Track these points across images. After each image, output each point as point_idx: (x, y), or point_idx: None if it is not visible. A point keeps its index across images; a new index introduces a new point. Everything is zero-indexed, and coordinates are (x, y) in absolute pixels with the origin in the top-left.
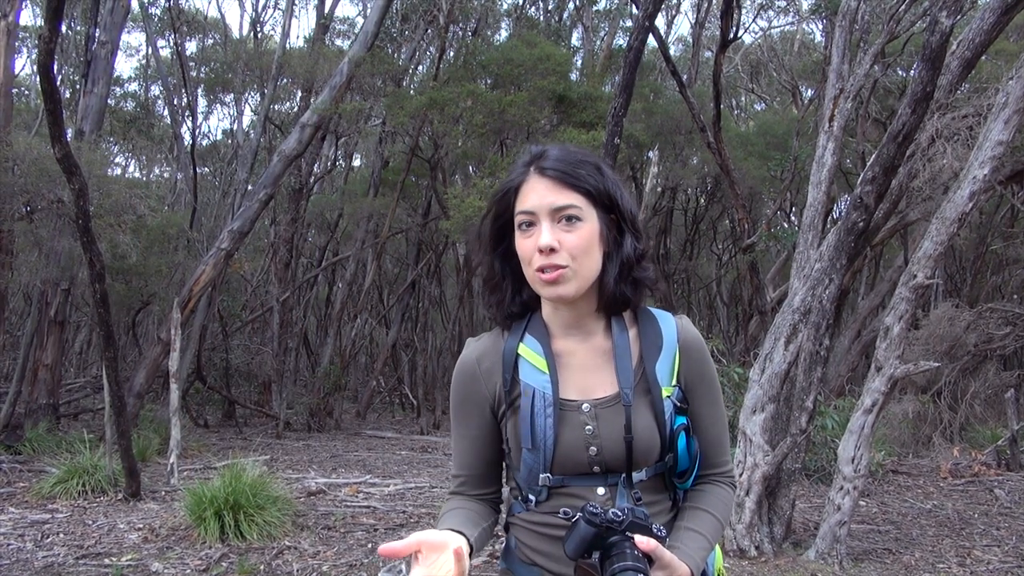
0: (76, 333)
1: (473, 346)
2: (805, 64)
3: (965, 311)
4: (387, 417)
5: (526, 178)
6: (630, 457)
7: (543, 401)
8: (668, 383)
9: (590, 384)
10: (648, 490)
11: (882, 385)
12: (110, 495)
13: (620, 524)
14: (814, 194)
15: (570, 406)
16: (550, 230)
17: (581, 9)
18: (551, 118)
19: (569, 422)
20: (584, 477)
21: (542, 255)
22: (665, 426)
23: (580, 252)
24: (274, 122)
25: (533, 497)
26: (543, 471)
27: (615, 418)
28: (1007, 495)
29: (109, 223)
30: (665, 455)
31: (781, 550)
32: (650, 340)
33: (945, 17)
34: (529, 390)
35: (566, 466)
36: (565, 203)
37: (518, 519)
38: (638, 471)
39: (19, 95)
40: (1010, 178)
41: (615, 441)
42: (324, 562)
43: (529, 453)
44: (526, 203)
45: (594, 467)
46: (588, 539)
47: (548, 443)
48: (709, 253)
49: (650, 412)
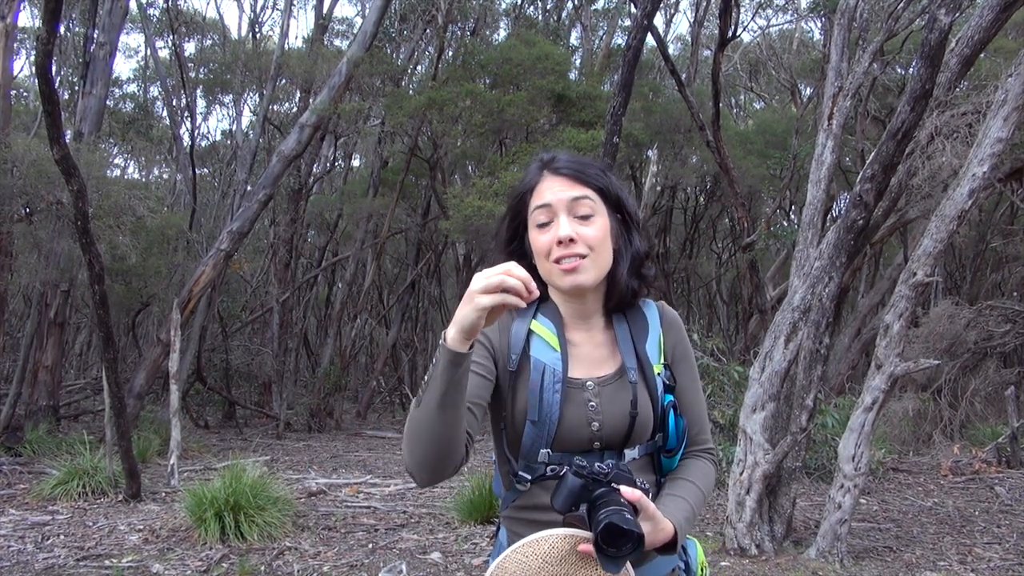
0: (76, 334)
1: None
2: (804, 62)
3: (965, 309)
4: (387, 417)
5: (541, 179)
6: (630, 433)
7: (552, 377)
8: (657, 360)
9: (593, 368)
10: (638, 469)
11: (882, 383)
12: (110, 496)
13: (606, 476)
14: (813, 192)
15: (575, 383)
16: (568, 222)
17: (580, 8)
18: (550, 117)
19: (573, 399)
20: (583, 454)
21: (561, 246)
22: (659, 403)
23: (597, 243)
24: (273, 123)
25: (529, 476)
26: (544, 446)
27: (617, 395)
28: (1008, 492)
29: (108, 224)
30: (655, 433)
31: (782, 548)
32: (639, 325)
33: (944, 15)
34: (540, 365)
35: (567, 442)
36: (581, 194)
37: (512, 509)
38: (631, 449)
39: (18, 97)
40: (1009, 175)
41: (617, 417)
42: (325, 563)
43: (532, 426)
44: (543, 198)
45: (594, 443)
46: (576, 491)
47: (553, 418)
48: (709, 252)
49: (646, 390)
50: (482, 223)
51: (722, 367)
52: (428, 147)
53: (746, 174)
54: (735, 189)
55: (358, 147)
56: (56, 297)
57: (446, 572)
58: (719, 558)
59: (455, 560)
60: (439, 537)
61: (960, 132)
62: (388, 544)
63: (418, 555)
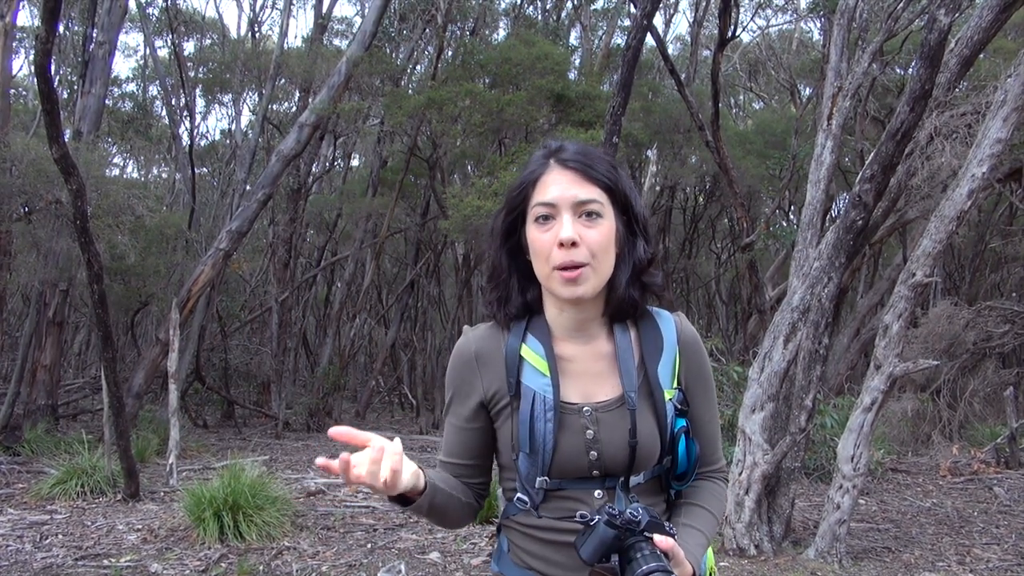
0: (75, 334)
1: (471, 336)
2: (803, 62)
3: (964, 309)
4: (386, 417)
5: (546, 170)
6: (632, 462)
7: (543, 405)
8: (670, 385)
9: (591, 388)
10: (644, 492)
11: (881, 383)
12: (109, 496)
13: (639, 524)
14: (813, 192)
15: (570, 409)
16: (572, 223)
17: (579, 8)
18: (549, 117)
19: (569, 426)
20: (581, 481)
21: (563, 249)
22: (666, 430)
23: (600, 249)
24: (272, 122)
25: (527, 499)
26: (540, 475)
27: (617, 422)
28: (1006, 493)
29: (107, 224)
30: (663, 458)
31: (781, 549)
32: (651, 342)
33: (943, 15)
34: (529, 393)
35: (565, 470)
36: (589, 197)
37: (512, 522)
38: (636, 475)
39: (17, 96)
40: (1008, 176)
41: (617, 446)
42: (323, 562)
43: (527, 457)
44: (546, 194)
45: (593, 471)
46: (608, 541)
47: (547, 447)
48: (708, 252)
49: (652, 416)
50: (481, 223)
51: (721, 367)
52: (427, 147)
53: (745, 174)
54: (734, 189)
55: (357, 147)
56: (55, 296)
57: (445, 572)
58: (718, 558)
59: (454, 560)
60: (438, 537)
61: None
62: (387, 544)
63: (417, 555)
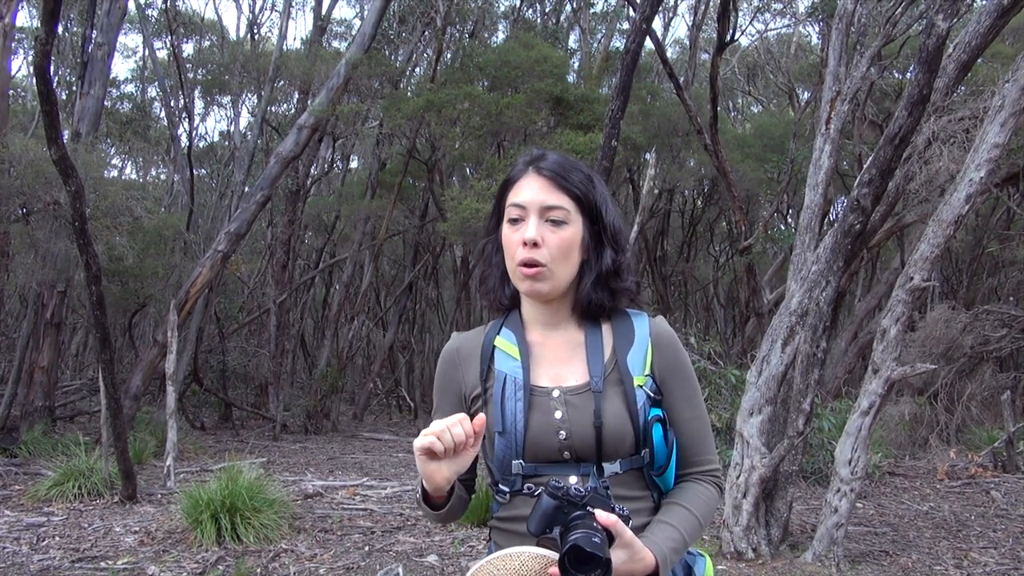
0: (72, 335)
1: (456, 337)
2: (802, 66)
3: (961, 313)
4: (384, 419)
5: (524, 175)
6: (599, 445)
7: (513, 386)
8: (640, 373)
9: (562, 373)
10: (624, 484)
11: (879, 387)
12: (106, 498)
13: (581, 498)
14: (811, 196)
15: (541, 391)
16: (537, 226)
17: (578, 11)
18: (548, 120)
19: (539, 407)
20: (556, 465)
21: (525, 248)
22: (637, 415)
23: (559, 254)
24: (271, 124)
25: (507, 488)
26: (515, 457)
27: (585, 405)
28: (1004, 497)
29: (106, 225)
30: (640, 448)
31: (778, 552)
32: (622, 335)
33: (941, 20)
34: (501, 376)
35: (537, 452)
36: (555, 203)
37: (497, 520)
38: (611, 462)
39: (15, 97)
40: (1006, 180)
41: (584, 427)
42: (321, 565)
43: (501, 438)
44: (518, 197)
45: (564, 453)
46: (549, 513)
47: (518, 427)
48: (706, 255)
49: (622, 401)
50: (480, 225)
51: (719, 370)
52: (426, 149)
53: (744, 178)
54: (733, 192)
55: (356, 149)
56: (52, 297)
57: (442, 575)
58: (715, 562)
59: (452, 563)
60: (436, 540)
61: (957, 137)
62: (385, 546)
63: (415, 558)
